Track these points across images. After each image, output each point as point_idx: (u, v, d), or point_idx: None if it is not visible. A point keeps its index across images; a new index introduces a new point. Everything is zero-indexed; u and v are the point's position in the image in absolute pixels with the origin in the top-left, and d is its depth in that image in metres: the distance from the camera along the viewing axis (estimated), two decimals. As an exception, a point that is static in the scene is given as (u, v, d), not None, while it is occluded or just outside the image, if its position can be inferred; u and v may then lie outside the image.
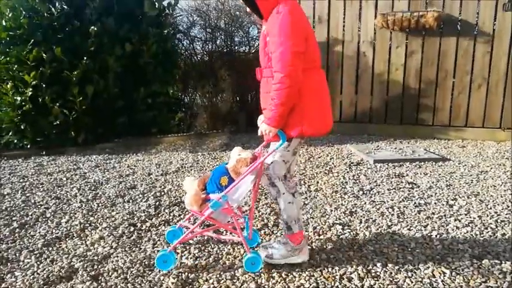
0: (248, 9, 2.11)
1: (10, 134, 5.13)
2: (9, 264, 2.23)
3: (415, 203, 3.08)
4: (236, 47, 7.30)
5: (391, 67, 5.62)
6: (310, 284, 1.99)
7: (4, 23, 4.87)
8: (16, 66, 4.84)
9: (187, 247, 2.38)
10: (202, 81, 7.15)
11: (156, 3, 5.65)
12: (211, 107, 7.21)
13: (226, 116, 7.17)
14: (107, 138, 5.46)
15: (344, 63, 5.77)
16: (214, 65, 7.19)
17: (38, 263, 2.23)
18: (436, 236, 2.52)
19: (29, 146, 5.16)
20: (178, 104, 6.99)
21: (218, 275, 2.08)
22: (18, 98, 4.88)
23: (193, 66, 7.26)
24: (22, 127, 4.99)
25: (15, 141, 5.21)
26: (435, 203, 3.07)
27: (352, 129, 5.80)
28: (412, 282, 2.00)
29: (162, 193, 3.37)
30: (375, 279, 2.04)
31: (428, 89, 5.57)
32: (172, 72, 6.19)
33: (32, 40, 4.82)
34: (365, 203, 3.07)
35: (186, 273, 2.10)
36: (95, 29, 4.96)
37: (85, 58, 4.93)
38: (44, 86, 4.87)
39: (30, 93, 4.82)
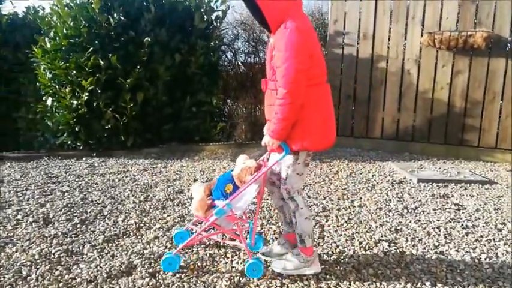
0: (256, 22, 2.15)
1: (65, 135, 5.46)
2: (73, 256, 2.41)
3: (462, 224, 3.04)
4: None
5: (436, 86, 5.57)
6: (359, 297, 2.03)
7: (65, 31, 5.22)
8: (75, 71, 5.15)
9: (237, 252, 2.48)
10: (244, 92, 7.33)
11: (205, 16, 5.88)
12: (251, 118, 7.36)
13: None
14: (152, 143, 5.70)
15: (388, 80, 5.76)
16: (256, 77, 7.35)
17: (100, 257, 2.40)
18: (485, 259, 2.49)
19: (81, 147, 5.47)
20: (220, 114, 7.18)
21: (268, 282, 2.15)
22: (75, 102, 5.19)
23: (236, 78, 7.46)
24: (76, 129, 5.30)
25: (69, 142, 5.53)
26: (483, 226, 3.02)
27: (393, 146, 5.75)
28: (462, 303, 2.01)
29: (209, 199, 3.50)
30: (424, 297, 2.05)
31: (475, 110, 5.46)
32: (217, 83, 6.39)
33: (91, 48, 5.12)
34: (410, 222, 3.07)
35: (238, 277, 2.19)
36: (149, 39, 5.22)
37: (138, 66, 5.20)
38: (99, 91, 5.16)
39: (86, 97, 5.11)
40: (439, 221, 3.10)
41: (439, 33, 5.33)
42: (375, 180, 4.22)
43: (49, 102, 5.44)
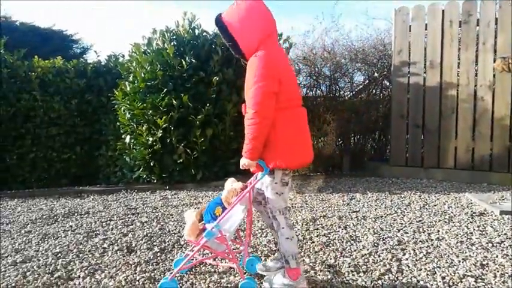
0: (233, 52, 2.26)
1: (141, 169, 5.85)
2: (156, 283, 2.54)
3: (558, 261, 2.77)
4: (341, 92, 7.50)
5: (514, 112, 5.25)
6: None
7: (143, 75, 5.72)
8: (151, 111, 5.58)
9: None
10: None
11: (269, 54, 6.13)
12: (315, 150, 7.34)
13: (329, 159, 7.24)
14: (218, 176, 5.90)
15: (459, 107, 5.54)
16: (318, 110, 7.40)
17: (181, 284, 2.51)
18: None
19: (155, 181, 5.82)
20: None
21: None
22: (150, 139, 5.58)
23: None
24: (151, 164, 5.67)
25: (144, 176, 5.92)
26: None
27: (469, 177, 5.43)
28: None
29: (279, 231, 3.52)
30: None
31: (561, 136, 5.04)
32: (280, 117, 6.53)
33: (165, 89, 5.55)
34: (497, 256, 2.85)
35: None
36: (217, 78, 5.55)
37: (207, 104, 5.52)
38: (172, 128, 5.52)
39: (160, 134, 5.49)
40: (530, 256, 2.85)
41: (514, 57, 5.07)
42: (451, 212, 3.99)
43: (127, 139, 5.91)
